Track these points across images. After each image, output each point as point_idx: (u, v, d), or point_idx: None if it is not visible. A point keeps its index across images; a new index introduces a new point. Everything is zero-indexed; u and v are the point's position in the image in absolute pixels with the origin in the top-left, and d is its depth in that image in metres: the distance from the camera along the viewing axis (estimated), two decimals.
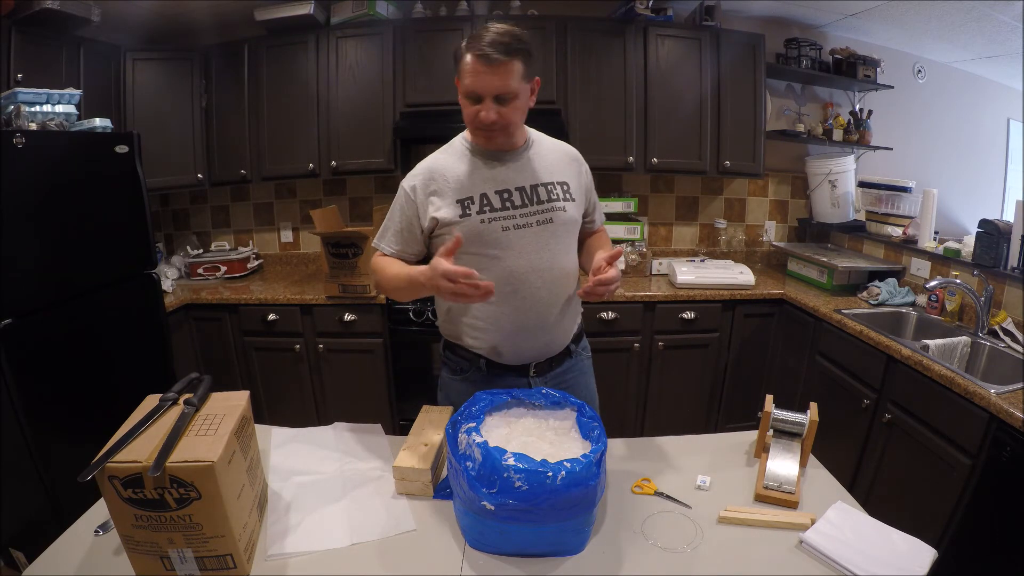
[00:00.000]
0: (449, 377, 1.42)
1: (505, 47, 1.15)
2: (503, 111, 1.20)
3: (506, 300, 1.27)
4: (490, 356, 1.34)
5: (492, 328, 1.30)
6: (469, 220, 1.25)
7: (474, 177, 1.28)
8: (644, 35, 2.69)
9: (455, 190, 1.27)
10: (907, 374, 1.83)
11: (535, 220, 1.27)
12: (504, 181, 1.28)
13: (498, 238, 1.26)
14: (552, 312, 1.31)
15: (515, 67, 1.17)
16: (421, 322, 2.51)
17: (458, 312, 1.34)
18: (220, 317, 2.65)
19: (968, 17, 2.61)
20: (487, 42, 1.14)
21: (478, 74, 1.16)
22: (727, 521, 1.06)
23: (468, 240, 1.25)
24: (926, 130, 3.33)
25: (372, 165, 2.79)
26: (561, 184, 1.32)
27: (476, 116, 1.21)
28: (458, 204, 1.26)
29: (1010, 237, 2.03)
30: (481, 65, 1.15)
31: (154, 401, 1.00)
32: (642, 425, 2.75)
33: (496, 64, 1.15)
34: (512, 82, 1.18)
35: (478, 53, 1.15)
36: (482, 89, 1.18)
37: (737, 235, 3.23)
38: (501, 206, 1.27)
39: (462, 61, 1.19)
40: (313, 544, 1.00)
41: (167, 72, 2.77)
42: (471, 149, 1.31)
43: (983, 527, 1.55)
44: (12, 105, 1.91)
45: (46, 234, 1.84)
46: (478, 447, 0.94)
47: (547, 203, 1.29)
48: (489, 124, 1.20)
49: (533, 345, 1.33)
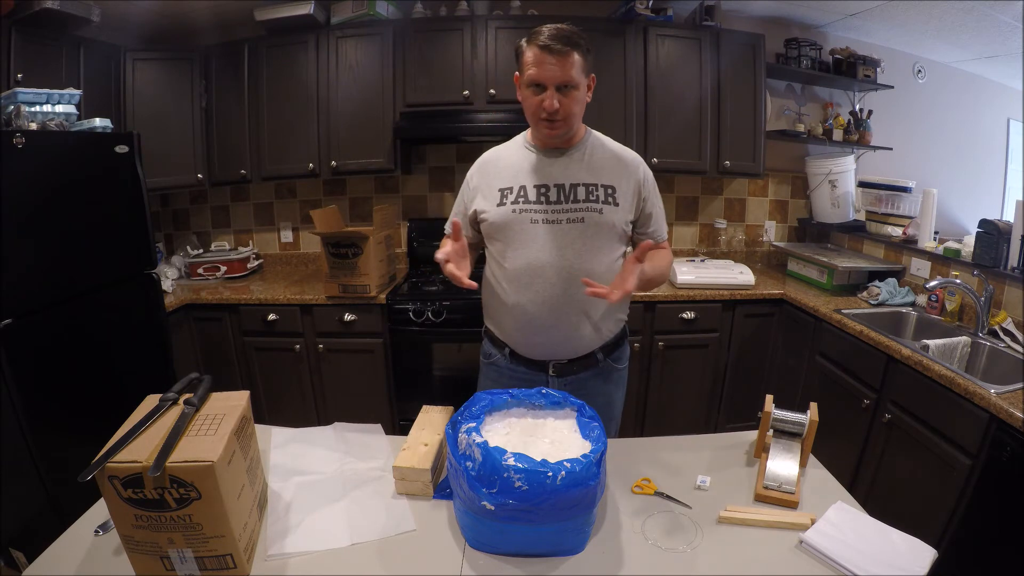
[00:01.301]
0: (483, 361, 1.52)
1: (566, 39, 1.21)
2: (564, 100, 1.24)
3: (521, 292, 1.32)
4: (511, 345, 1.41)
5: (508, 318, 1.37)
6: (503, 208, 1.32)
7: (521, 169, 1.35)
8: (644, 35, 2.69)
9: (501, 179, 1.35)
10: (907, 374, 1.83)
11: (566, 218, 1.31)
12: (547, 177, 1.33)
13: (525, 229, 1.31)
14: (568, 312, 1.33)
15: (575, 58, 1.23)
16: (421, 322, 2.51)
17: (488, 298, 1.44)
18: (220, 317, 2.65)
19: (968, 17, 2.61)
20: (549, 35, 1.21)
21: (542, 64, 1.22)
22: (727, 521, 1.06)
23: (499, 227, 1.33)
24: (926, 130, 3.33)
25: (372, 165, 2.79)
26: (606, 187, 1.33)
27: (539, 105, 1.25)
28: (499, 192, 1.34)
29: (1010, 237, 2.03)
30: (544, 55, 1.21)
31: (154, 401, 1.00)
32: (642, 425, 2.75)
33: (558, 54, 1.21)
34: (573, 72, 1.23)
35: (541, 44, 1.21)
36: (545, 78, 1.23)
37: (737, 235, 3.23)
38: (536, 199, 1.31)
39: (524, 55, 1.25)
40: (313, 544, 1.00)
41: (167, 72, 2.77)
42: (527, 145, 1.38)
43: (983, 527, 1.55)
44: (12, 105, 1.91)
45: (46, 234, 1.84)
46: (478, 447, 0.94)
47: (584, 203, 1.31)
48: (552, 112, 1.24)
49: (546, 341, 1.36)
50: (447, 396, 1.52)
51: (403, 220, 3.15)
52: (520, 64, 1.28)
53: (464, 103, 2.66)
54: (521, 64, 1.27)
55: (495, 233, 1.35)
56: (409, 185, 3.15)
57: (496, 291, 1.39)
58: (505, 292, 1.35)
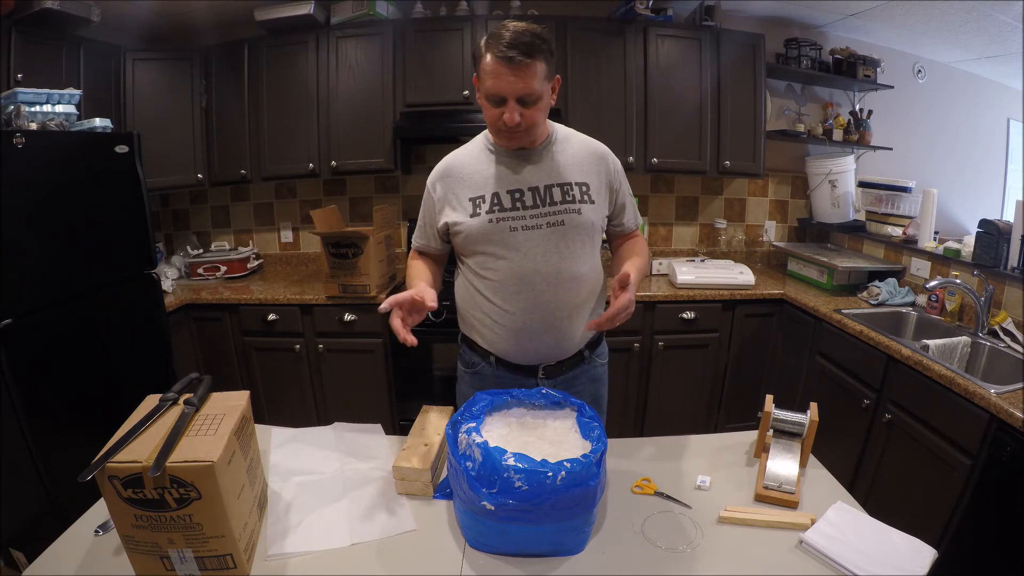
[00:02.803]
0: (463, 370, 1.45)
1: (527, 47, 1.11)
2: (526, 113, 1.18)
3: (511, 300, 1.28)
4: (498, 354, 1.35)
5: (498, 327, 1.31)
6: (478, 219, 1.26)
7: (489, 175, 1.28)
8: (644, 35, 2.69)
9: (469, 188, 1.29)
10: (907, 374, 1.83)
11: (545, 222, 1.25)
12: (518, 180, 1.27)
13: (505, 238, 1.25)
14: (559, 315, 1.29)
15: (538, 68, 1.14)
16: (421, 322, 2.49)
17: (468, 308, 1.37)
18: (220, 317, 2.65)
19: (968, 17, 2.60)
20: (508, 42, 1.10)
21: (500, 76, 1.13)
22: (727, 521, 1.06)
23: (477, 239, 1.27)
24: (926, 130, 3.33)
25: (372, 165, 2.79)
26: (580, 185, 1.28)
27: (499, 119, 1.19)
28: (470, 202, 1.28)
29: (1010, 237, 2.03)
30: (503, 67, 1.12)
31: (154, 401, 1.00)
32: (642, 425, 2.75)
33: (519, 66, 1.12)
34: (536, 83, 1.15)
35: (499, 55, 1.11)
36: (505, 91, 1.15)
37: (737, 235, 3.22)
38: (511, 206, 1.26)
39: (482, 62, 1.16)
40: (313, 544, 1.00)
41: (167, 72, 2.77)
42: (491, 148, 1.31)
43: (983, 527, 1.55)
44: (12, 105, 1.91)
45: (46, 234, 1.84)
46: (478, 447, 0.94)
47: (560, 204, 1.26)
48: (513, 127, 1.18)
49: (538, 347, 1.32)
50: (447, 396, 1.52)
51: (403, 220, 3.15)
52: (478, 69, 1.18)
53: (464, 103, 2.65)
54: (479, 69, 1.17)
55: (473, 245, 1.28)
56: (409, 185, 3.15)
57: (477, 302, 1.33)
58: (489, 303, 1.30)
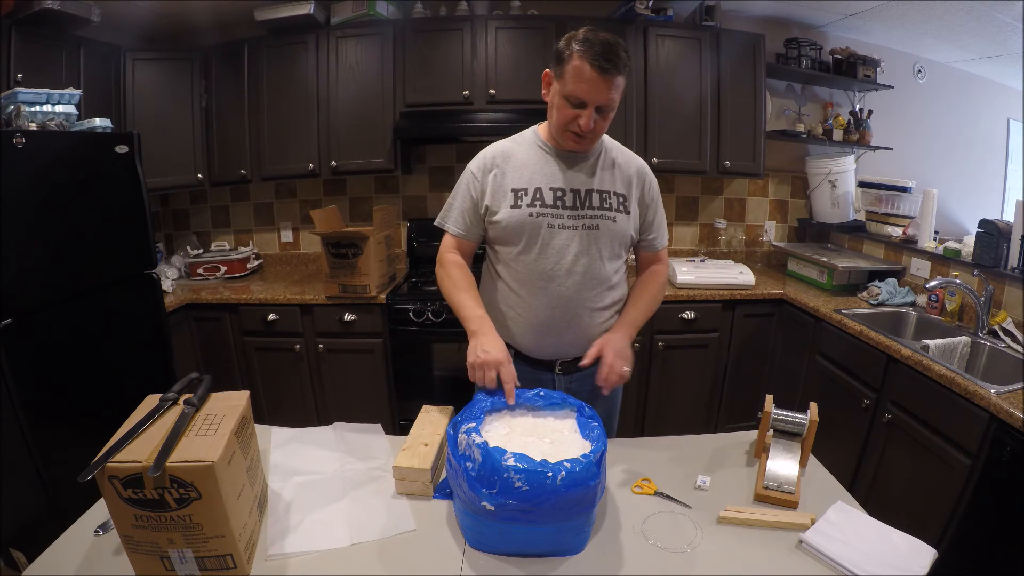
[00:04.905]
0: None
1: (619, 61, 1.16)
2: (600, 121, 1.22)
3: (535, 295, 1.32)
4: (516, 347, 1.38)
5: (520, 319, 1.35)
6: (518, 211, 1.30)
7: (537, 171, 1.32)
8: (644, 35, 2.69)
9: (515, 179, 1.32)
10: (907, 374, 1.83)
11: (581, 224, 1.30)
12: (564, 180, 1.31)
13: (540, 234, 1.30)
14: (580, 314, 1.34)
15: (620, 81, 1.19)
16: (421, 322, 2.51)
17: (491, 300, 1.40)
18: (220, 317, 2.65)
19: (968, 17, 2.60)
20: (601, 51, 1.14)
21: (590, 82, 1.16)
22: (727, 521, 1.06)
23: (512, 230, 1.31)
24: (926, 130, 3.33)
25: (372, 165, 2.79)
26: (618, 195, 1.34)
27: (574, 120, 1.22)
28: (512, 193, 1.31)
29: (1010, 237, 2.03)
30: (595, 74, 1.15)
31: (154, 401, 1.00)
32: (642, 425, 2.75)
33: (610, 76, 1.16)
34: (617, 96, 1.21)
35: (594, 63, 1.14)
36: (589, 98, 1.18)
37: (737, 235, 3.23)
38: (552, 204, 1.30)
39: (570, 64, 1.18)
40: (313, 544, 1.00)
41: (167, 72, 2.76)
42: (541, 145, 1.34)
43: (983, 527, 1.55)
44: (12, 105, 1.91)
45: (46, 234, 1.83)
46: (478, 447, 0.94)
47: (598, 210, 1.31)
48: (587, 131, 1.22)
49: (557, 342, 1.36)
50: (447, 396, 1.52)
51: (403, 220, 3.15)
52: (560, 68, 1.20)
53: (464, 103, 2.65)
54: (563, 69, 1.19)
55: (507, 235, 1.32)
56: (409, 185, 3.15)
57: (503, 295, 1.37)
58: (515, 295, 1.34)
